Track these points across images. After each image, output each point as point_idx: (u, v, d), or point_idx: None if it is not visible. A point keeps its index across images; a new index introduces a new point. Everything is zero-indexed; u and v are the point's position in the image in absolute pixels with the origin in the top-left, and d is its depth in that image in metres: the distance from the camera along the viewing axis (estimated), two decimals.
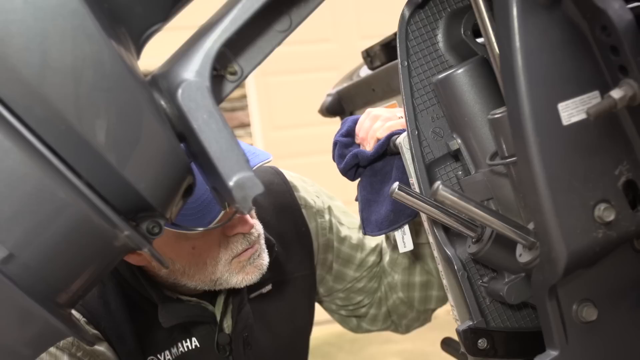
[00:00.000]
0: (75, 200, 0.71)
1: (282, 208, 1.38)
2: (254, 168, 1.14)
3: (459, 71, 0.92)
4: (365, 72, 1.67)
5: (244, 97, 4.17)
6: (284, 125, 4.32)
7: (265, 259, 1.25)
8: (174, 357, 1.29)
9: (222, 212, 1.09)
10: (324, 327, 1.73)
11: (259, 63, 0.79)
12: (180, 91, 0.72)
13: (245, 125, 4.20)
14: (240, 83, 0.78)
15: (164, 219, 0.78)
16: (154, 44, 0.81)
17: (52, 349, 1.17)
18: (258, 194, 0.71)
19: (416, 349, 3.86)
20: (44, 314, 0.73)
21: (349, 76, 1.80)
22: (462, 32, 0.96)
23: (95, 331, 1.23)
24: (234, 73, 0.77)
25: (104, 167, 0.70)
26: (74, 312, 1.18)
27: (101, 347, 1.23)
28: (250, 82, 4.25)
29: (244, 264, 1.22)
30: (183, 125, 0.74)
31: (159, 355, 1.28)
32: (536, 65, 0.71)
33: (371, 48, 1.56)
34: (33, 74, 0.65)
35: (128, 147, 0.71)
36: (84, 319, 1.23)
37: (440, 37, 0.98)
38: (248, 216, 1.21)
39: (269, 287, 1.31)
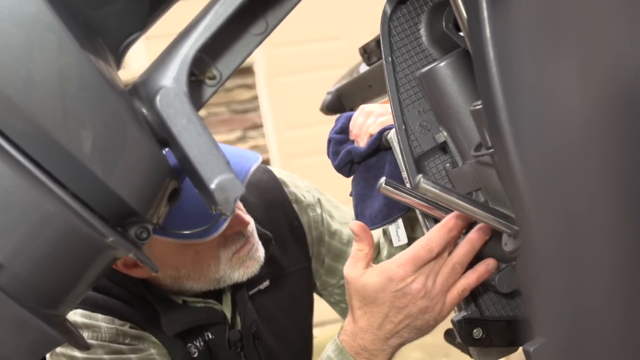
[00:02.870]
0: (62, 211, 0.72)
1: (273, 204, 1.40)
2: (250, 171, 1.16)
3: (442, 64, 0.92)
4: (364, 68, 1.66)
5: (255, 98, 4.18)
6: (297, 124, 4.32)
7: (261, 251, 1.29)
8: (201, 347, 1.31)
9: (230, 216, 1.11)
10: None
11: (238, 67, 0.80)
12: (158, 98, 0.73)
13: (258, 126, 4.20)
14: (220, 87, 0.79)
15: (152, 224, 0.79)
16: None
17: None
18: (239, 195, 0.73)
19: (438, 341, 3.84)
20: (36, 322, 0.74)
21: (349, 73, 1.80)
22: (444, 26, 0.97)
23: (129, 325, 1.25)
24: (212, 78, 0.78)
25: (88, 177, 0.71)
26: (99, 315, 1.21)
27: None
28: (261, 83, 4.26)
29: (244, 258, 1.26)
30: (164, 131, 0.75)
31: (194, 342, 1.30)
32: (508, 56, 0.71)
33: (367, 44, 1.55)
34: (11, 89, 0.67)
35: (110, 156, 0.72)
36: (118, 319, 1.25)
37: (422, 31, 0.98)
38: (242, 214, 1.23)
39: (266, 283, 1.34)
